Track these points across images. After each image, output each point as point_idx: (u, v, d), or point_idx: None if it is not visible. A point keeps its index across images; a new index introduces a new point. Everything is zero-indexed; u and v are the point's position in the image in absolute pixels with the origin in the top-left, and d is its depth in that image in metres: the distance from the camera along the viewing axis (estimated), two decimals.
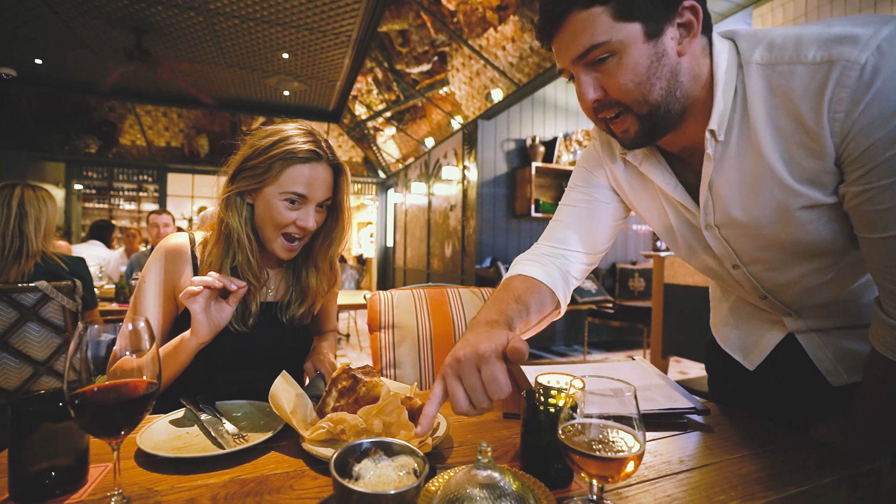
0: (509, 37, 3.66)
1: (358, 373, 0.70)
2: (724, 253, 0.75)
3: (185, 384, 0.87)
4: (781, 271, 0.72)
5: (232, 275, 0.90)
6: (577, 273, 0.86)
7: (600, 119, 0.68)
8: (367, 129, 7.16)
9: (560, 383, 0.79)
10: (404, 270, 7.28)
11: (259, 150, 0.87)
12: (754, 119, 0.61)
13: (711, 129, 0.64)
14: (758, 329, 0.87)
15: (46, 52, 5.24)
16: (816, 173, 0.60)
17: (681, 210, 0.76)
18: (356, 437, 0.62)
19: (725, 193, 0.68)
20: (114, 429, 0.46)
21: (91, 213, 7.42)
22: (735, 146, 0.65)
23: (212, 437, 0.65)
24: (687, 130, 0.68)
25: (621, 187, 0.85)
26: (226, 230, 0.90)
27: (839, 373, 0.77)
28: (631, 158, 0.78)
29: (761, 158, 0.62)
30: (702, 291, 2.61)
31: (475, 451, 0.67)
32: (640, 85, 0.61)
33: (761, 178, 0.63)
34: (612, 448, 0.47)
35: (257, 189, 0.89)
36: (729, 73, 0.63)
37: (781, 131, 0.60)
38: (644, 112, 0.63)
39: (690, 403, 0.80)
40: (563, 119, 5.01)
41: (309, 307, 1.00)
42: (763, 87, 0.60)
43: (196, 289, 0.76)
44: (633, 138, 0.67)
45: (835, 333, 0.78)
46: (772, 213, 0.65)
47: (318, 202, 0.90)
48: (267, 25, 4.60)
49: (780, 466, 0.62)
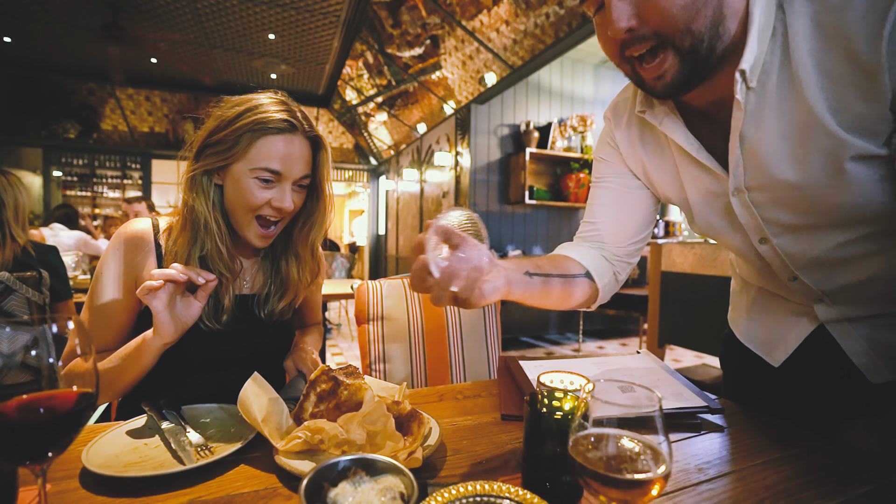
0: (504, 18, 3.54)
1: (339, 374, 0.62)
2: (752, 223, 0.67)
3: (152, 386, 0.79)
4: (817, 242, 0.64)
5: (201, 265, 0.80)
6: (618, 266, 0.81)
7: (626, 58, 0.59)
8: (358, 115, 6.99)
9: (564, 383, 0.73)
10: (396, 258, 7.19)
11: (225, 122, 0.77)
12: (797, 62, 0.54)
13: (742, 69, 0.56)
14: (784, 321, 0.79)
15: (16, 29, 4.98)
16: (870, 120, 0.53)
17: (702, 177, 0.69)
18: (336, 448, 0.55)
19: (762, 149, 0.60)
20: (37, 453, 0.38)
21: (73, 202, 7.16)
22: (774, 95, 0.57)
23: (172, 450, 0.57)
24: (720, 79, 0.60)
25: (639, 161, 0.78)
26: (191, 215, 0.80)
27: (879, 368, 0.69)
28: (650, 117, 0.70)
29: (806, 106, 0.55)
30: (699, 279, 2.56)
31: (471, 459, 0.60)
32: (685, 9, 0.52)
33: (806, 128, 0.56)
34: (635, 467, 0.40)
35: (225, 166, 0.79)
36: (767, 11, 0.55)
37: (830, 74, 0.53)
38: (686, 45, 0.54)
39: (703, 402, 0.74)
40: (557, 104, 4.90)
41: (290, 301, 0.91)
42: (809, 25, 0.53)
43: (156, 283, 0.67)
44: (669, 83, 0.58)
45: (872, 323, 0.70)
46: (818, 169, 0.57)
47: (294, 180, 0.80)
48: (251, 4, 4.41)
49: (808, 475, 0.56)
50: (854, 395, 0.73)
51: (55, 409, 0.40)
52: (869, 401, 0.70)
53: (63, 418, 0.40)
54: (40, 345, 0.40)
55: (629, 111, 0.77)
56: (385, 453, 0.53)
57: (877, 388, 0.70)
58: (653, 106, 0.70)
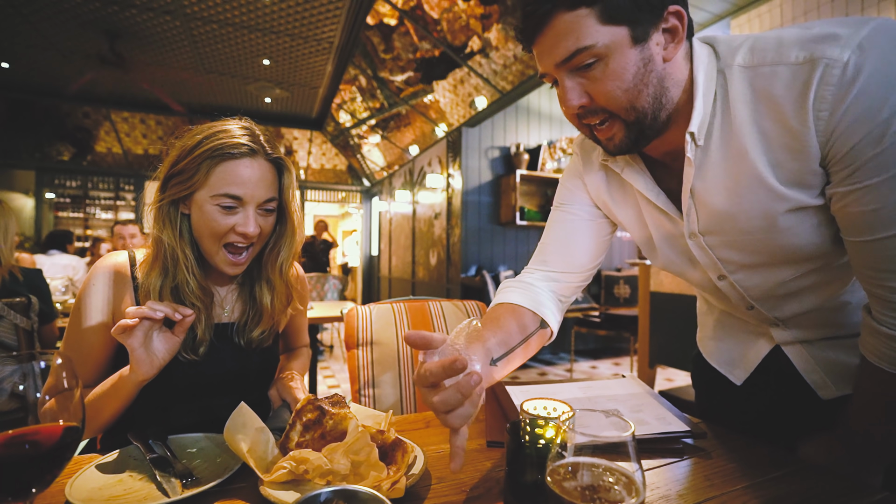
0: (493, 45, 3.65)
1: (325, 403, 0.63)
2: (709, 263, 0.73)
3: (137, 415, 0.78)
4: (769, 277, 0.70)
5: (174, 297, 0.80)
6: (567, 292, 0.85)
7: (584, 125, 0.66)
8: (352, 137, 7.09)
9: (547, 410, 0.74)
10: (389, 279, 7.18)
11: (186, 150, 0.78)
12: (737, 123, 0.60)
13: (691, 131, 0.62)
14: (744, 342, 0.85)
15: (14, 55, 5.05)
16: (802, 175, 0.58)
17: (662, 220, 0.74)
18: (321, 478, 0.56)
19: (708, 199, 0.66)
20: (20, 490, 0.39)
21: (65, 223, 7.13)
22: (717, 151, 0.63)
23: (157, 482, 0.57)
24: (669, 136, 0.66)
25: (602, 199, 0.83)
26: (159, 247, 0.80)
27: (828, 385, 0.76)
28: (612, 165, 0.76)
29: (745, 162, 0.60)
30: (688, 300, 2.59)
31: (456, 488, 0.61)
32: (628, 91, 0.59)
33: (744, 182, 0.62)
34: (610, 496, 0.41)
35: (188, 195, 0.79)
36: (709, 77, 0.61)
37: (766, 134, 0.58)
38: (632, 119, 0.61)
39: (686, 426, 0.75)
40: (546, 126, 5.01)
41: (267, 328, 0.90)
42: (746, 89, 0.59)
43: (131, 322, 0.65)
44: (617, 145, 0.64)
45: (822, 345, 0.76)
46: (756, 218, 0.63)
47: (258, 203, 0.80)
48: (246, 31, 4.52)
49: (788, 499, 0.57)
50: (810, 410, 0.78)
51: (40, 444, 0.41)
52: (823, 415, 0.75)
53: (48, 454, 0.40)
54: (27, 379, 0.41)
55: (596, 151, 0.81)
56: (368, 483, 0.53)
57: (829, 403, 0.76)
58: (615, 157, 0.74)
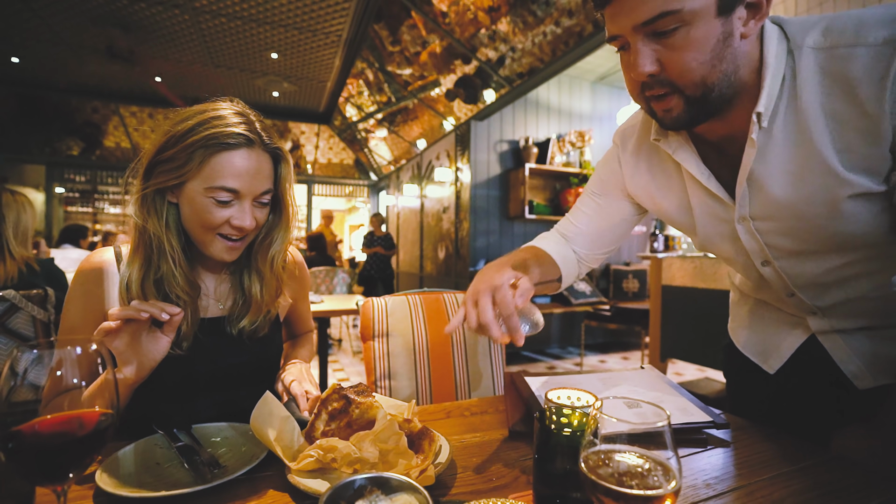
0: (502, 37, 3.62)
1: (350, 392, 0.63)
2: (756, 248, 0.72)
3: (158, 407, 0.78)
4: (816, 265, 0.69)
5: (156, 289, 0.75)
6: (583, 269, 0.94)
7: (643, 96, 0.63)
8: (359, 131, 7.07)
9: (571, 399, 0.73)
10: (397, 273, 7.19)
11: (176, 137, 0.71)
12: (804, 105, 0.58)
13: (759, 111, 0.60)
14: (779, 331, 0.84)
15: (24, 50, 5.08)
16: (871, 159, 0.57)
17: (711, 203, 0.73)
18: (348, 466, 0.56)
19: (767, 183, 0.64)
20: (59, 474, 0.39)
21: (74, 218, 7.20)
22: (780, 134, 0.61)
23: (185, 470, 0.58)
24: (730, 117, 0.64)
25: (641, 185, 0.82)
26: (143, 237, 0.75)
27: (865, 375, 0.74)
28: (664, 145, 0.74)
29: (810, 146, 0.59)
30: (700, 293, 2.57)
31: (481, 477, 0.60)
32: (703, 65, 0.56)
33: (808, 166, 0.60)
34: (646, 483, 0.41)
35: (178, 185, 0.73)
36: (778, 58, 0.59)
37: (836, 117, 0.57)
38: (697, 94, 0.59)
39: (708, 417, 0.75)
40: (556, 120, 4.97)
41: (258, 318, 0.86)
42: (816, 71, 0.57)
43: (113, 324, 0.61)
44: (674, 118, 0.62)
45: (859, 335, 0.75)
46: (817, 204, 0.62)
47: (254, 196, 0.75)
48: (255, 24, 4.51)
49: (815, 490, 0.57)
50: (845, 401, 0.78)
51: (78, 429, 0.41)
52: (859, 407, 0.75)
53: (86, 438, 0.41)
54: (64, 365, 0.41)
55: (637, 137, 0.81)
56: (398, 471, 0.53)
57: (866, 394, 0.75)
58: (667, 136, 0.73)
